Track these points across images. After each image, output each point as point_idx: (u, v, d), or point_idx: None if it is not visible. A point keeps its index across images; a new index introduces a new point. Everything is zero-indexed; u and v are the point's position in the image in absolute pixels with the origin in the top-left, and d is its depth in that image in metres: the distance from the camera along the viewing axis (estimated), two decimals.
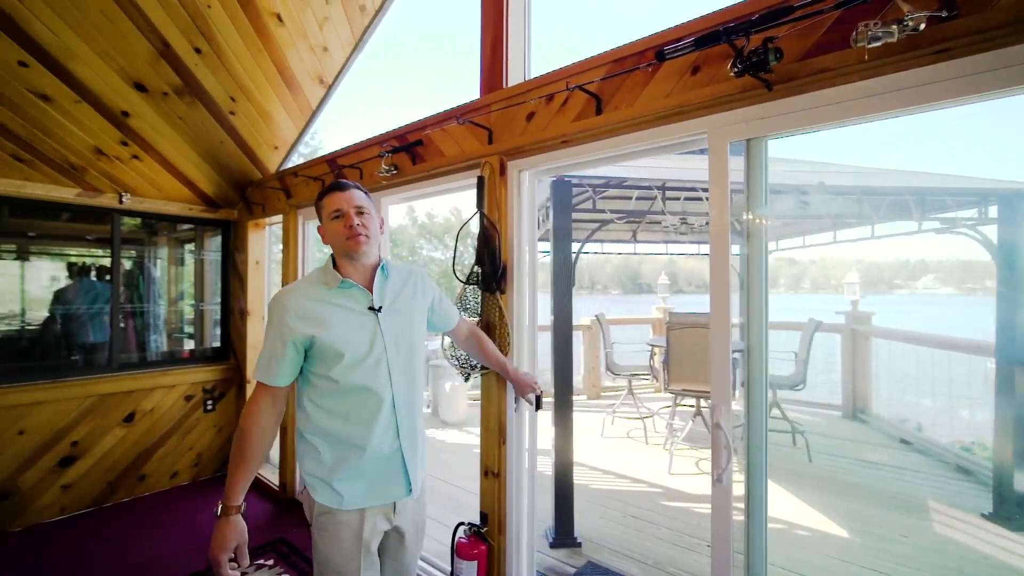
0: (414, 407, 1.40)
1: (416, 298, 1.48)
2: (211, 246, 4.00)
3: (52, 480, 2.99)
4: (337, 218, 1.35)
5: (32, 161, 2.79)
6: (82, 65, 2.36)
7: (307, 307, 1.28)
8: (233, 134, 3.06)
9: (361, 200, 1.38)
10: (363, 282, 1.38)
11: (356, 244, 1.32)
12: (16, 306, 3.48)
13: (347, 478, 1.29)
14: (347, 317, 1.32)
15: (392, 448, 1.34)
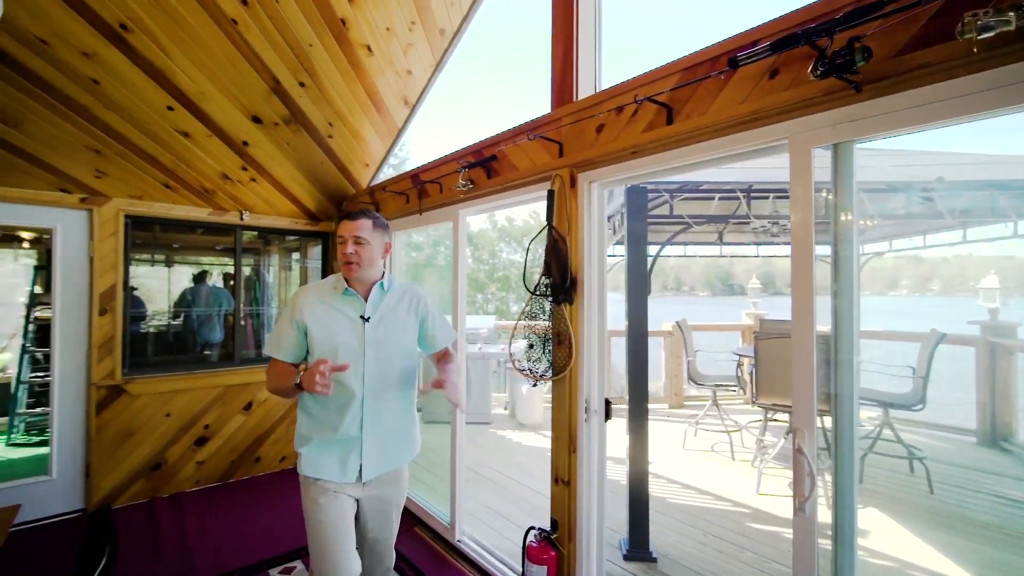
0: (387, 408, 1.62)
1: (409, 314, 1.69)
2: (313, 254, 4.46)
3: (190, 456, 3.53)
4: (340, 243, 1.60)
5: (177, 187, 3.31)
6: (213, 105, 2.77)
7: (313, 304, 1.60)
8: (331, 155, 3.39)
9: (363, 230, 1.59)
10: (363, 293, 1.64)
11: (348, 271, 1.59)
12: (164, 306, 4.15)
13: (315, 451, 1.58)
14: (340, 320, 1.59)
15: (355, 438, 1.57)
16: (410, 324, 1.70)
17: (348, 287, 1.62)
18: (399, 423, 1.68)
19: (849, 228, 1.36)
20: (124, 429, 3.28)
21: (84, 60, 2.36)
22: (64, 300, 3.13)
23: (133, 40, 2.33)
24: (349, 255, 1.57)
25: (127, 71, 2.46)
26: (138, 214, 3.33)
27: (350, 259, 1.57)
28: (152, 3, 2.19)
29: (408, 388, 1.71)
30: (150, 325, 4.24)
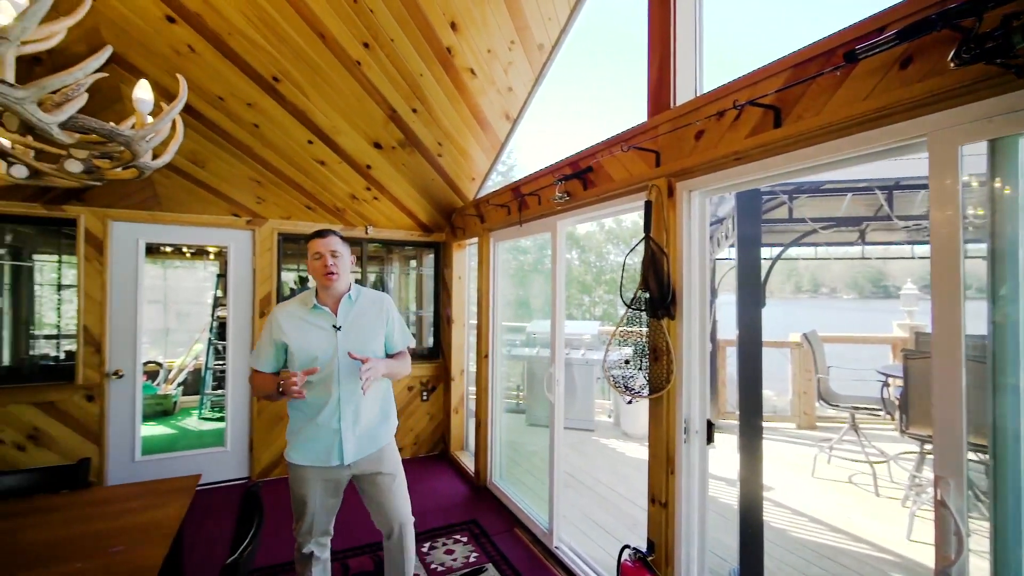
0: (363, 401, 1.87)
1: (379, 319, 1.95)
2: (427, 263, 4.83)
3: None
4: (317, 259, 1.84)
5: (316, 208, 3.84)
6: (342, 136, 3.16)
7: (287, 321, 1.86)
8: (441, 172, 3.66)
9: (336, 245, 1.86)
10: (332, 306, 1.89)
11: (329, 280, 1.83)
12: None
13: (300, 443, 1.85)
14: (313, 332, 1.84)
15: (335, 430, 1.83)
16: (379, 328, 1.96)
17: (316, 303, 1.87)
18: (373, 413, 1.94)
19: (1016, 238, 1.12)
20: (275, 415, 3.89)
21: (247, 109, 2.87)
22: (235, 304, 3.82)
23: (282, 89, 2.77)
24: (330, 266, 1.83)
25: (278, 115, 2.93)
26: (287, 232, 3.93)
27: (331, 270, 1.83)
28: (296, 57, 2.58)
29: (381, 382, 1.96)
30: None
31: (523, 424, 5.59)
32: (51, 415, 3.24)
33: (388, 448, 2.01)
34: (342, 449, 1.84)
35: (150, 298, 6.84)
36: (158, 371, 5.79)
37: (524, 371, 5.94)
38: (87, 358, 3.33)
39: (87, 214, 3.32)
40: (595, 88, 37.29)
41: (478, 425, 3.75)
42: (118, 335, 3.44)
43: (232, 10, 2.32)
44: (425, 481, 3.86)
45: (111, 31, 2.38)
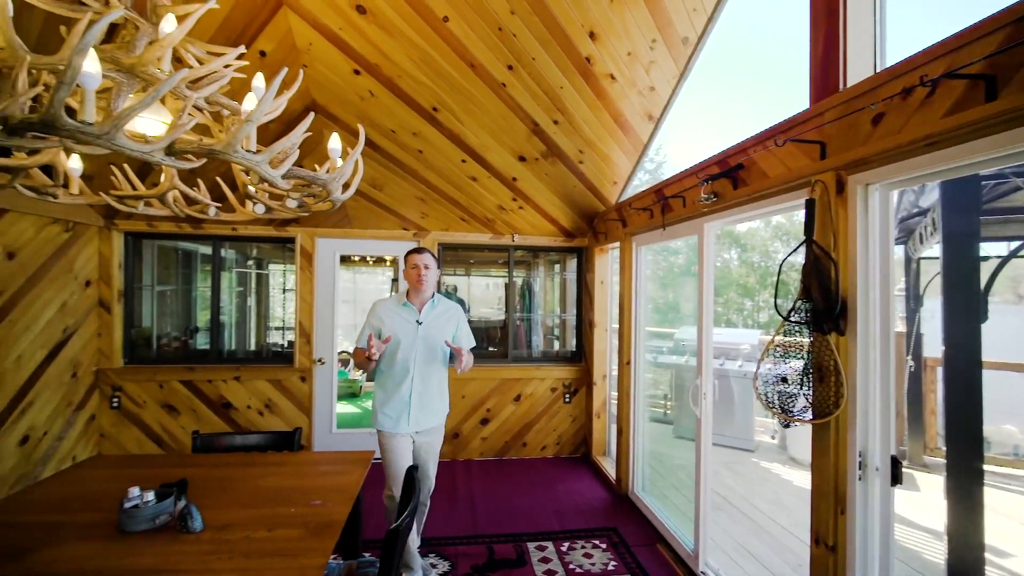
0: (429, 382, 2.42)
1: (449, 323, 2.50)
2: (570, 268, 4.92)
3: (476, 433, 4.43)
4: (414, 268, 2.41)
5: (469, 219, 4.23)
6: (491, 153, 3.44)
7: (384, 312, 2.42)
8: (582, 179, 3.71)
9: (428, 261, 2.44)
10: (418, 306, 2.45)
11: (420, 285, 2.41)
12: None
13: (385, 413, 2.37)
14: (401, 322, 2.39)
15: (407, 402, 2.36)
16: (449, 329, 2.49)
17: (407, 302, 2.45)
18: (436, 392, 2.47)
19: None
20: None
21: (413, 138, 3.31)
22: None
23: (440, 117, 3.13)
24: (422, 276, 2.41)
25: (437, 140, 3.32)
26: (446, 241, 4.40)
27: (423, 279, 2.41)
28: (451, 88, 2.90)
29: (443, 370, 2.51)
30: None
31: (670, 436, 5.31)
32: (279, 390, 4.17)
33: (441, 426, 2.56)
34: (410, 416, 2.38)
35: (343, 298, 8.28)
36: (348, 360, 6.97)
37: (672, 380, 5.64)
38: (301, 347, 4.20)
39: (302, 233, 4.19)
40: (747, 77, 33.03)
41: (619, 432, 3.70)
42: (321, 329, 4.27)
43: (401, 56, 2.71)
44: (566, 482, 3.94)
45: (316, 88, 2.99)
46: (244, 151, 1.12)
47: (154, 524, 1.36)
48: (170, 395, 4.03)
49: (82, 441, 3.79)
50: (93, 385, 3.88)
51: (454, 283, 5.96)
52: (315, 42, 2.68)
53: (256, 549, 1.27)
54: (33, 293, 3.30)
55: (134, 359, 4.07)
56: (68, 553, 1.24)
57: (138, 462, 1.96)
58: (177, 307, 4.84)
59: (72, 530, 1.35)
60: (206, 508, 1.47)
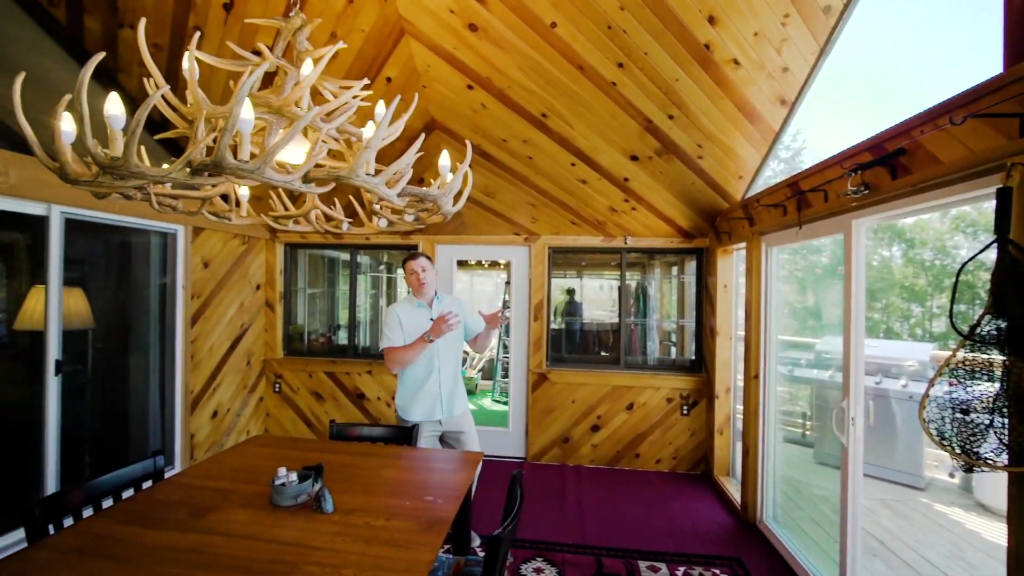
0: (452, 371, 2.70)
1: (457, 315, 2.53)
2: (688, 270, 4.60)
3: (586, 439, 4.36)
4: (412, 274, 2.68)
5: (579, 222, 4.18)
6: (601, 155, 3.35)
7: (403, 313, 2.64)
8: (702, 175, 3.43)
9: (424, 264, 2.69)
10: (428, 304, 2.70)
11: (421, 288, 2.68)
12: (592, 311, 5.26)
13: (415, 406, 2.62)
14: (418, 320, 2.61)
15: (436, 393, 2.62)
16: (459, 319, 2.56)
17: (420, 302, 2.70)
18: (456, 381, 2.73)
19: None
20: (547, 406, 4.40)
21: (523, 145, 3.37)
22: (515, 308, 4.52)
23: (549, 122, 3.14)
24: (422, 279, 2.66)
25: (546, 145, 3.34)
26: (556, 245, 4.41)
27: (422, 280, 2.66)
28: (559, 92, 2.89)
29: (459, 360, 2.78)
30: (559, 328, 5.49)
31: (809, 460, 4.66)
32: None
33: (466, 413, 2.78)
34: (443, 406, 2.64)
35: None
36: (465, 357, 7.36)
37: (812, 397, 4.95)
38: None
39: (424, 240, 4.52)
40: (907, 45, 27.11)
41: (746, 452, 3.35)
42: None
43: (511, 67, 2.78)
44: (682, 500, 3.69)
45: (434, 107, 3.20)
46: (365, 175, 1.23)
47: (296, 501, 1.57)
48: (317, 384, 4.64)
49: (254, 418, 4.54)
50: (261, 372, 4.63)
51: (570, 285, 5.93)
52: (432, 63, 2.87)
53: (374, 536, 1.39)
54: (220, 295, 4.04)
55: (290, 351, 4.76)
56: (233, 517, 1.49)
57: (289, 443, 2.28)
58: (323, 307, 5.56)
59: (237, 498, 1.62)
60: (336, 491, 1.66)
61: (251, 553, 1.29)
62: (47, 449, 2.83)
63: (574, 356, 4.83)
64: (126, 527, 1.41)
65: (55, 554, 1.27)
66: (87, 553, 1.28)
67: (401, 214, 1.84)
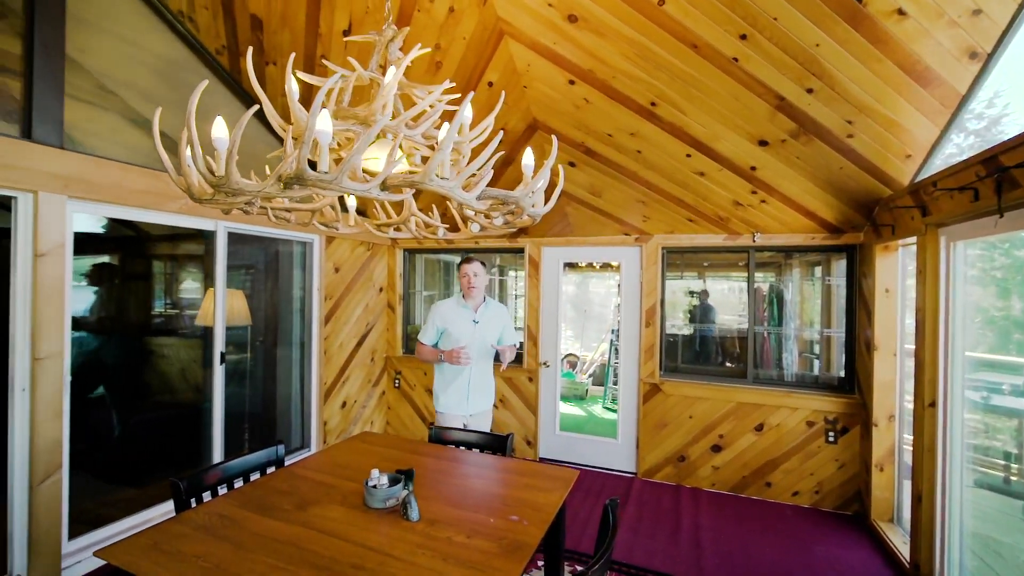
0: (482, 371, 2.87)
1: (499, 321, 2.91)
2: (836, 271, 3.88)
3: (706, 459, 3.92)
4: (464, 277, 2.82)
5: (697, 219, 3.78)
6: (721, 142, 2.97)
7: (447, 312, 2.83)
8: (852, 156, 2.85)
9: (477, 269, 2.82)
10: (474, 307, 2.85)
11: (470, 291, 2.82)
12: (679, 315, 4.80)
13: (447, 396, 2.83)
14: (461, 322, 2.80)
15: (464, 389, 2.80)
16: (497, 327, 2.90)
17: (464, 303, 2.85)
18: (487, 380, 2.92)
19: None
20: (660, 420, 4.06)
21: (630, 138, 3.13)
22: (626, 312, 4.25)
23: (659, 111, 2.86)
24: (472, 283, 2.81)
25: (656, 136, 3.06)
26: (670, 246, 4.05)
27: (472, 284, 2.81)
28: (670, 77, 2.61)
29: (491, 362, 2.92)
30: (676, 335, 5.04)
31: (1017, 515, 3.61)
32: (511, 387, 4.57)
33: (489, 411, 2.99)
34: (469, 400, 2.83)
35: (574, 301, 8.62)
36: (576, 362, 7.20)
37: (1020, 433, 3.84)
38: (529, 349, 4.50)
39: (529, 243, 4.49)
40: None
41: (917, 496, 2.69)
42: (546, 334, 4.49)
43: (615, 56, 2.58)
44: (827, 544, 3.10)
45: (536, 106, 3.12)
46: (439, 179, 1.19)
47: (385, 505, 1.60)
48: (431, 382, 4.88)
49: (377, 410, 4.94)
50: (383, 368, 5.02)
51: (702, 287, 5.43)
52: (532, 62, 2.79)
53: (453, 554, 1.34)
54: (349, 297, 4.46)
55: (408, 350, 5.08)
56: (330, 513, 1.56)
57: (391, 442, 2.38)
58: None
59: (337, 494, 1.70)
60: (424, 498, 1.65)
61: (336, 554, 1.33)
62: (214, 425, 3.37)
63: (691, 366, 4.39)
64: (243, 511, 1.56)
65: (187, 528, 1.45)
66: (209, 531, 1.43)
67: (490, 218, 1.78)
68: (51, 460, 2.44)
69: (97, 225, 5.19)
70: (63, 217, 2.47)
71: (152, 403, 4.50)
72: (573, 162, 3.49)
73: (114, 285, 4.43)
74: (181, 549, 1.33)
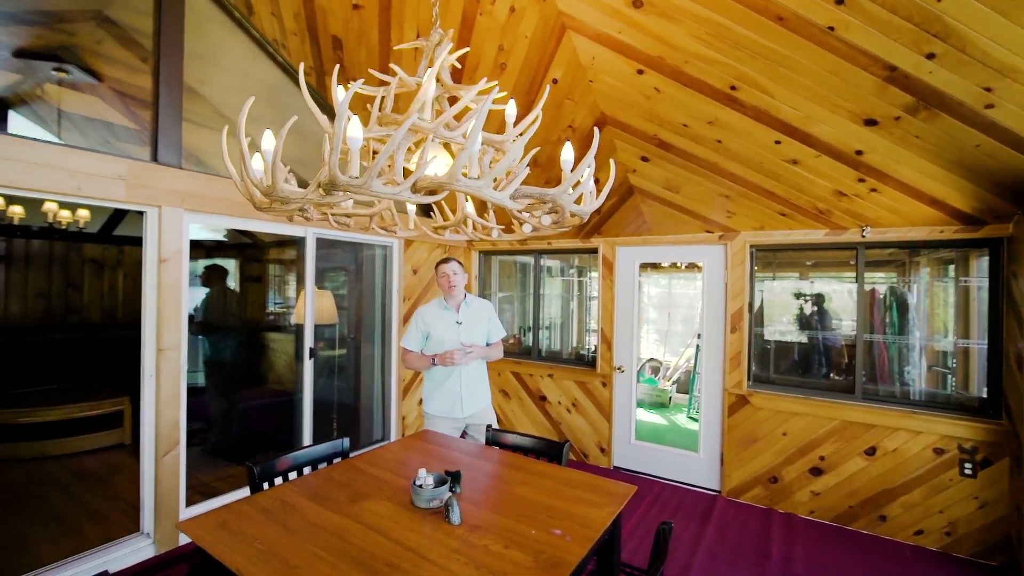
0: (472, 373, 2.77)
1: (482, 318, 2.86)
2: (978, 269, 3.24)
3: (804, 483, 3.48)
4: (443, 277, 2.76)
5: (792, 214, 3.37)
6: (817, 126, 2.61)
7: (429, 317, 2.76)
8: (992, 131, 2.35)
9: (455, 269, 2.76)
10: (455, 307, 2.78)
11: (451, 292, 2.76)
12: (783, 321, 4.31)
13: (435, 400, 2.74)
14: (443, 324, 2.72)
15: (456, 392, 2.71)
16: (482, 325, 2.83)
17: (446, 305, 2.77)
18: (479, 381, 2.81)
19: None
20: (748, 435, 3.69)
21: (709, 127, 2.87)
22: (708, 316, 3.93)
23: (741, 95, 2.59)
24: (453, 281, 2.73)
25: (739, 124, 2.77)
26: (760, 244, 3.66)
27: (453, 283, 2.72)
28: (752, 57, 2.35)
29: (482, 362, 2.84)
30: (772, 342, 4.54)
31: None
32: (584, 392, 4.44)
33: (488, 408, 2.86)
34: (462, 404, 2.71)
35: (657, 304, 8.18)
36: (659, 367, 6.82)
37: None
38: (603, 353, 4.34)
39: (603, 243, 4.33)
40: None
41: None
42: (621, 337, 4.30)
43: (686, 39, 2.39)
44: None
45: (603, 100, 2.99)
46: (466, 179, 1.16)
47: (429, 505, 1.61)
48: (504, 382, 4.92)
49: None
50: None
51: (814, 289, 4.85)
52: (597, 54, 2.68)
53: (486, 563, 1.31)
54: (426, 298, 4.64)
55: None
56: (378, 509, 1.61)
57: (446, 442, 2.41)
58: (519, 309, 5.88)
59: (388, 490, 1.75)
60: (469, 501, 1.64)
61: (376, 550, 1.36)
62: (305, 414, 3.69)
63: (784, 377, 3.93)
64: (302, 499, 1.67)
65: (253, 510, 1.58)
66: (270, 515, 1.55)
67: (538, 218, 1.73)
68: (171, 437, 2.83)
69: (220, 234, 5.93)
70: (181, 227, 2.85)
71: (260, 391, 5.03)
72: (646, 156, 3.29)
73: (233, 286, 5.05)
74: (243, 529, 1.45)
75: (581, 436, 4.46)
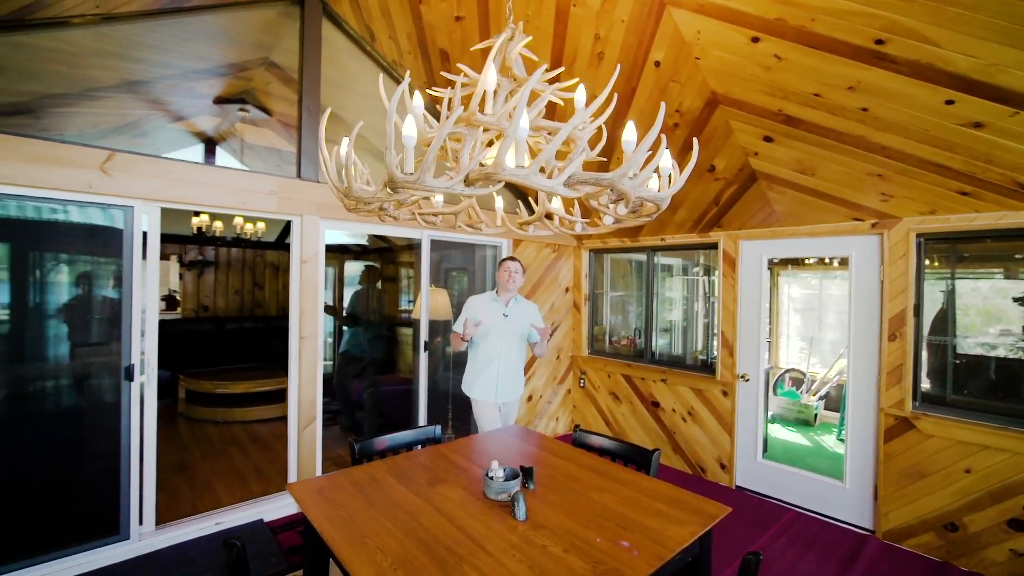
0: (511, 363, 3.07)
1: (526, 315, 3.12)
2: None
3: (999, 537, 2.71)
4: (504, 272, 3.08)
5: (975, 191, 2.66)
6: (1006, 74, 2.02)
7: (479, 306, 3.07)
8: None
9: (517, 268, 3.10)
10: (505, 302, 3.09)
11: (508, 284, 3.07)
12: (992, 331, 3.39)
13: (478, 384, 3.04)
14: (492, 314, 3.03)
15: (493, 376, 3.01)
16: (526, 320, 3.11)
17: (497, 297, 3.09)
18: (517, 371, 3.14)
19: None
20: (913, 467, 3.01)
21: (849, 95, 2.41)
22: (856, 321, 3.30)
23: (890, 50, 2.12)
24: (512, 278, 3.06)
25: (890, 85, 2.27)
26: (931, 231, 2.95)
27: (512, 279, 3.06)
28: (902, 1, 1.91)
29: (523, 352, 3.17)
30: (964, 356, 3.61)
31: None
32: (701, 400, 4.07)
33: (518, 400, 3.19)
34: (497, 388, 2.99)
35: (803, 307, 7.11)
36: (802, 380, 5.92)
37: None
38: (723, 359, 3.92)
39: (725, 237, 3.91)
40: None
41: None
42: (745, 342, 3.83)
43: None
44: None
45: (713, 77, 2.70)
46: (513, 168, 1.14)
47: (498, 497, 1.61)
48: (615, 385, 4.74)
49: (562, 407, 5.06)
50: (569, 367, 5.10)
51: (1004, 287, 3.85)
52: (702, 28, 2.43)
53: (541, 564, 1.27)
54: (535, 296, 4.70)
55: (593, 351, 5.05)
56: (451, 494, 1.67)
57: (538, 441, 2.39)
58: (627, 310, 5.63)
59: (464, 478, 1.81)
60: (540, 500, 1.61)
61: (440, 533, 1.41)
62: (420, 401, 4.00)
63: (969, 399, 3.09)
64: (389, 477, 1.80)
65: (347, 481, 1.76)
66: (359, 488, 1.70)
67: (612, 208, 1.62)
68: (309, 413, 3.30)
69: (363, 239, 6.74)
70: (318, 233, 3.31)
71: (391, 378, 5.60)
72: (769, 136, 2.89)
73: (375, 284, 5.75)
74: (335, 497, 1.63)
75: (698, 448, 4.09)
